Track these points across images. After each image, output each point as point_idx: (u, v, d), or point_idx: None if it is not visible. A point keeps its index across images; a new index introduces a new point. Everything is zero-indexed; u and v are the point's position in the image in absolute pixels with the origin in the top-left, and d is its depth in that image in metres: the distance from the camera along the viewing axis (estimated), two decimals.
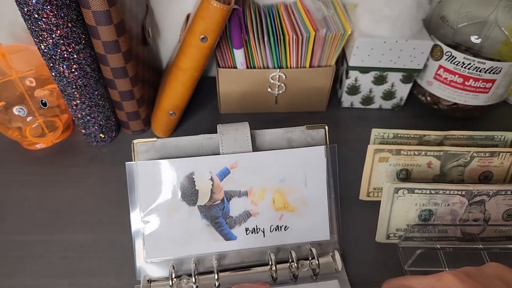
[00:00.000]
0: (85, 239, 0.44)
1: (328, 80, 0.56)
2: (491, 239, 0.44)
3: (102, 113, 0.51)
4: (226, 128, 0.41)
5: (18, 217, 0.46)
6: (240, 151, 0.40)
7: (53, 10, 0.39)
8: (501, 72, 0.51)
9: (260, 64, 0.53)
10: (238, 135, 0.41)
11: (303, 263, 0.41)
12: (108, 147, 0.54)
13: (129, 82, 0.48)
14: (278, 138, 0.42)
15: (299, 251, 0.42)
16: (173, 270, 0.38)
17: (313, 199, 0.42)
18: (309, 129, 0.42)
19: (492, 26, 0.48)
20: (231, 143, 0.41)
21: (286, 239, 0.42)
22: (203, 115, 0.59)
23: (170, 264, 0.39)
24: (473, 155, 0.46)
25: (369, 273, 0.42)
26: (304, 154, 0.41)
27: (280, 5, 0.55)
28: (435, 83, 0.56)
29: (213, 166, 0.40)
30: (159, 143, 0.41)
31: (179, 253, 0.40)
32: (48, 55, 0.43)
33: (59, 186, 0.49)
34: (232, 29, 0.48)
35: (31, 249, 0.43)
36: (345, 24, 0.51)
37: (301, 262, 0.41)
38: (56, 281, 0.41)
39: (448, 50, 0.52)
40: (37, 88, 0.49)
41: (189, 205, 0.40)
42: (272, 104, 0.59)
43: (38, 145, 0.53)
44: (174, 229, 0.40)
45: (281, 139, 0.42)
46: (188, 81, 0.49)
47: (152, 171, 0.40)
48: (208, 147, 0.41)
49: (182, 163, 0.40)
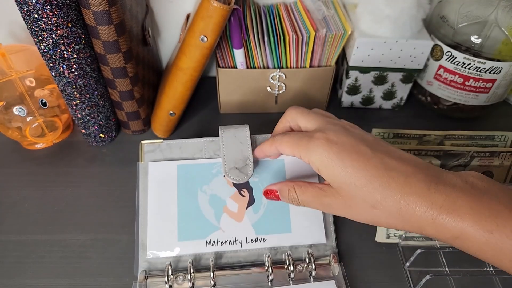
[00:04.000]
0: (85, 239, 0.44)
1: (328, 80, 0.56)
2: None
3: (102, 113, 0.51)
4: (227, 131, 0.43)
5: (18, 217, 0.46)
6: (241, 159, 0.42)
7: (53, 10, 0.39)
8: (501, 72, 0.51)
9: (260, 64, 0.53)
10: (239, 138, 0.43)
11: (300, 265, 0.41)
12: (108, 147, 0.54)
13: (129, 82, 0.48)
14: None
15: (297, 252, 0.42)
16: (170, 267, 0.39)
17: None
18: None
19: (492, 26, 0.48)
20: (232, 147, 0.42)
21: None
22: (203, 115, 0.59)
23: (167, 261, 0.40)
24: (473, 155, 0.46)
25: (369, 272, 0.42)
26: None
27: (280, 5, 0.55)
28: (435, 83, 0.56)
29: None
30: (164, 144, 0.44)
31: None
32: (48, 55, 0.43)
33: (59, 186, 0.49)
34: (232, 29, 0.48)
35: (31, 249, 0.43)
36: (345, 24, 0.51)
37: (297, 264, 0.41)
38: (56, 281, 0.41)
39: (448, 50, 0.52)
40: (37, 88, 0.49)
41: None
42: (272, 104, 0.59)
43: (38, 145, 0.53)
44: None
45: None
46: (188, 81, 0.49)
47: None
48: (209, 149, 0.44)
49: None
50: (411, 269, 0.42)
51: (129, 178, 0.50)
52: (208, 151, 0.44)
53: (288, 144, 0.36)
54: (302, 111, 0.38)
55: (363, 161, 0.32)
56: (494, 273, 0.41)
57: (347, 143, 0.33)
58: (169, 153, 0.44)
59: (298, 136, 0.35)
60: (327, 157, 0.32)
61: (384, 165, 0.31)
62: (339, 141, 0.33)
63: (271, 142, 0.38)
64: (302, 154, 0.35)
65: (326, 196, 0.34)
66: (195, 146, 0.44)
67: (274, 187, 0.38)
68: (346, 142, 0.33)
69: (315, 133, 0.34)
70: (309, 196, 0.35)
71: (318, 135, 0.34)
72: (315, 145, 0.33)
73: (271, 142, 0.38)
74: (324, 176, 0.34)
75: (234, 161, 0.41)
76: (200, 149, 0.44)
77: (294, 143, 0.35)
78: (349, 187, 0.32)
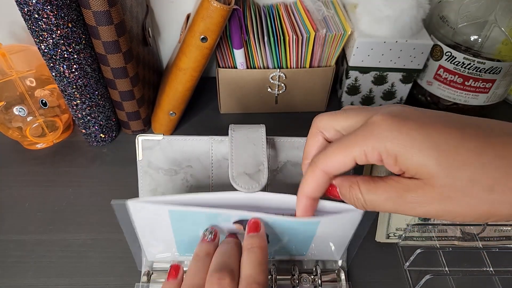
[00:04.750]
0: (85, 239, 0.44)
1: (328, 80, 0.56)
2: (491, 238, 0.44)
3: (103, 113, 0.51)
4: (238, 131, 0.36)
5: (18, 217, 0.46)
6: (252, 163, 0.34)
7: (53, 10, 0.39)
8: (501, 72, 0.51)
9: (260, 64, 0.53)
10: (252, 140, 0.36)
11: (306, 278, 0.39)
12: (108, 147, 0.54)
13: (129, 82, 0.48)
14: (294, 148, 0.38)
15: (303, 264, 0.41)
16: None
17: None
18: None
19: (492, 26, 0.49)
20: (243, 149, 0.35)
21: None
22: (203, 115, 0.59)
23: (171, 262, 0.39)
24: None
25: (369, 272, 0.42)
26: None
27: (280, 5, 0.55)
28: (435, 83, 0.56)
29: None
30: (165, 141, 0.37)
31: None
32: (49, 55, 0.43)
33: (59, 186, 0.49)
34: (232, 29, 0.48)
35: (32, 249, 0.43)
36: (345, 24, 0.51)
37: (303, 276, 0.39)
38: (56, 281, 0.41)
39: (448, 50, 0.52)
40: (37, 88, 0.49)
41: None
42: (272, 104, 0.59)
43: (38, 145, 0.53)
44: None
45: (300, 150, 0.38)
46: (188, 81, 0.49)
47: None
48: (218, 151, 0.37)
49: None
50: (411, 268, 0.42)
51: (130, 178, 0.50)
52: (215, 153, 0.38)
53: (338, 150, 0.25)
54: (331, 113, 0.29)
55: (457, 132, 0.22)
56: (494, 272, 0.41)
57: (422, 116, 0.24)
58: (171, 151, 0.37)
59: (347, 137, 0.26)
60: (406, 137, 0.23)
61: (489, 130, 0.22)
62: (410, 115, 0.24)
63: (312, 169, 0.27)
64: (369, 150, 0.24)
65: (410, 190, 0.24)
66: (200, 145, 0.37)
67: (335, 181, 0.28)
68: (420, 114, 0.24)
69: (371, 118, 0.25)
70: (382, 194, 0.25)
71: (377, 117, 0.24)
72: (382, 128, 0.24)
73: (312, 169, 0.27)
74: (406, 165, 0.23)
75: (244, 165, 0.34)
76: (206, 149, 0.37)
77: (344, 144, 0.25)
78: (447, 170, 0.22)
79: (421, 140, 0.23)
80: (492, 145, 0.22)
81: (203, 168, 0.38)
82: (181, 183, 0.38)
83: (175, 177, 0.38)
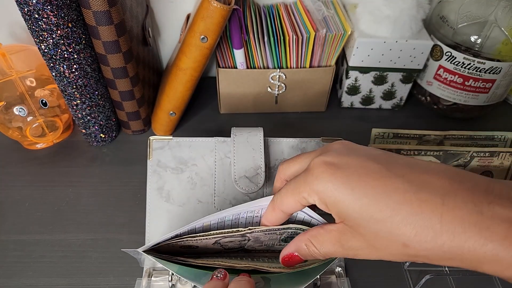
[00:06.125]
0: (85, 239, 0.44)
1: (328, 80, 0.56)
2: None
3: (103, 113, 0.51)
4: (240, 135, 0.40)
5: (18, 217, 0.46)
6: (252, 167, 0.39)
7: (54, 10, 0.39)
8: (501, 72, 0.51)
9: (260, 64, 0.53)
10: (251, 144, 0.40)
11: None
12: (108, 147, 0.54)
13: (129, 82, 0.48)
14: (292, 147, 0.41)
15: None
16: None
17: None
18: (325, 141, 0.41)
19: (492, 26, 0.49)
20: (243, 154, 0.39)
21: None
22: (203, 115, 0.59)
23: None
24: (473, 155, 0.46)
25: (369, 272, 0.42)
26: None
27: (280, 5, 0.55)
28: (435, 83, 0.56)
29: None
30: (174, 142, 0.41)
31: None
32: (49, 55, 0.43)
33: (59, 185, 0.49)
34: (232, 29, 0.48)
35: (32, 249, 0.43)
36: (345, 24, 0.51)
37: None
38: (56, 281, 0.41)
39: (448, 50, 0.52)
40: (38, 88, 0.49)
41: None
42: (272, 104, 0.59)
43: (38, 145, 0.53)
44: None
45: (295, 149, 0.41)
46: (188, 81, 0.49)
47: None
48: (221, 150, 0.41)
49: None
50: (411, 268, 0.42)
51: (130, 178, 0.50)
52: (218, 152, 0.41)
53: (287, 194, 0.28)
54: (290, 159, 0.32)
55: (379, 185, 0.24)
56: None
57: (352, 164, 0.26)
58: (178, 151, 0.41)
59: (294, 179, 0.28)
60: (333, 188, 0.25)
61: (409, 184, 0.24)
62: (342, 163, 0.26)
63: (272, 206, 0.31)
64: (305, 195, 0.27)
65: (344, 237, 0.26)
66: (205, 145, 0.41)
67: (289, 249, 0.30)
68: (352, 163, 0.26)
69: (311, 162, 0.27)
70: (329, 244, 0.28)
71: (314, 163, 0.27)
72: (313, 176, 0.26)
73: (272, 206, 0.31)
74: (333, 213, 0.26)
75: (244, 169, 0.39)
76: (210, 149, 0.41)
77: (291, 189, 0.28)
78: (368, 222, 0.24)
79: (345, 191, 0.25)
80: (410, 202, 0.23)
81: (207, 167, 0.41)
82: (186, 180, 0.40)
83: (181, 175, 0.40)
